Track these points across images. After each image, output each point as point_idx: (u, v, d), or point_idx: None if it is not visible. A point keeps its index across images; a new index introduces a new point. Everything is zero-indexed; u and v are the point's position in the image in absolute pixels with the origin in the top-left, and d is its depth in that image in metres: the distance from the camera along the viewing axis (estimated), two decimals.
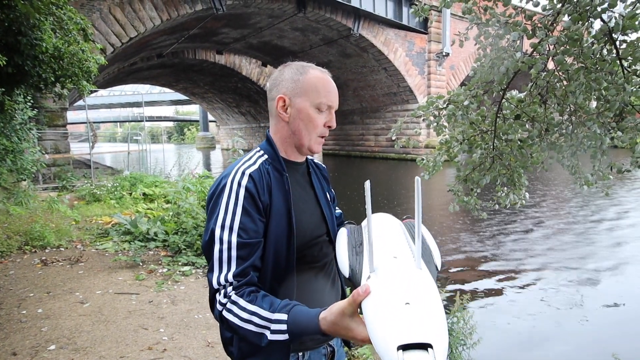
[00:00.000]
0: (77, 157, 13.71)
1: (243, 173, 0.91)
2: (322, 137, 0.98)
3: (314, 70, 0.97)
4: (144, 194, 7.87)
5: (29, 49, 3.87)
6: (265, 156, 0.98)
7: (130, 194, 7.81)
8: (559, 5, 2.22)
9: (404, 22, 18.37)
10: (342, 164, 21.67)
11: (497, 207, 2.69)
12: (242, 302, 0.81)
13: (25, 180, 6.83)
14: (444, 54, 19.67)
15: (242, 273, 0.84)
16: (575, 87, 2.12)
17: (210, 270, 0.86)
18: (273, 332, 0.78)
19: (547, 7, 2.25)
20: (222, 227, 0.86)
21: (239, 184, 0.89)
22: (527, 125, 2.49)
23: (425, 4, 2.72)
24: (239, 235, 0.85)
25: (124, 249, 4.68)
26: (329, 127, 0.98)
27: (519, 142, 2.50)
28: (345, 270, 0.82)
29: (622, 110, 2.15)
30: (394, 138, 2.75)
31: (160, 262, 4.24)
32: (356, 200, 9.59)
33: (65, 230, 5.08)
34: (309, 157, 1.11)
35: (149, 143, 14.02)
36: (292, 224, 0.92)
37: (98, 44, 5.49)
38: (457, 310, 2.48)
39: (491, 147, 2.55)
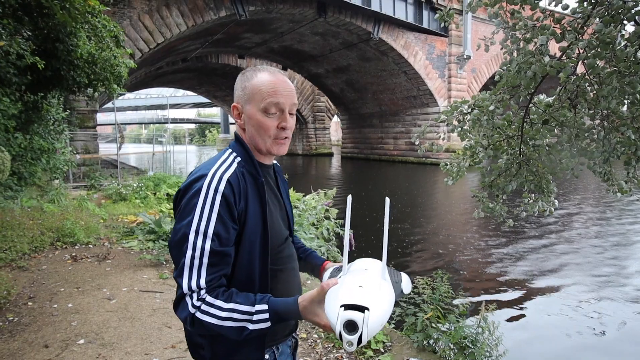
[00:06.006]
0: (105, 157, 14.25)
1: (220, 178, 0.88)
2: (281, 138, 0.96)
3: (262, 73, 0.95)
4: (168, 194, 8.08)
5: (66, 54, 4.08)
6: (239, 158, 0.96)
7: (154, 193, 8.04)
8: (589, 8, 2.16)
9: (424, 25, 18.20)
10: (361, 167, 21.57)
11: (524, 214, 2.62)
12: (218, 302, 0.84)
13: (57, 178, 7.15)
14: (465, 57, 19.35)
15: (214, 279, 0.86)
16: (608, 91, 2.05)
17: (180, 275, 0.85)
18: (255, 322, 0.84)
19: (577, 10, 2.19)
20: (197, 232, 0.85)
21: (216, 190, 0.87)
22: (555, 131, 2.43)
23: (449, 9, 2.70)
24: (212, 242, 0.85)
25: (149, 247, 4.82)
26: (282, 128, 0.95)
27: (547, 148, 2.44)
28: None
29: None
30: (417, 143, 2.73)
31: None
32: (375, 205, 9.52)
33: (93, 227, 5.28)
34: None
35: (172, 144, 14.41)
36: (267, 229, 0.93)
37: (128, 49, 5.72)
38: (482, 320, 2.41)
39: (518, 152, 2.49)
